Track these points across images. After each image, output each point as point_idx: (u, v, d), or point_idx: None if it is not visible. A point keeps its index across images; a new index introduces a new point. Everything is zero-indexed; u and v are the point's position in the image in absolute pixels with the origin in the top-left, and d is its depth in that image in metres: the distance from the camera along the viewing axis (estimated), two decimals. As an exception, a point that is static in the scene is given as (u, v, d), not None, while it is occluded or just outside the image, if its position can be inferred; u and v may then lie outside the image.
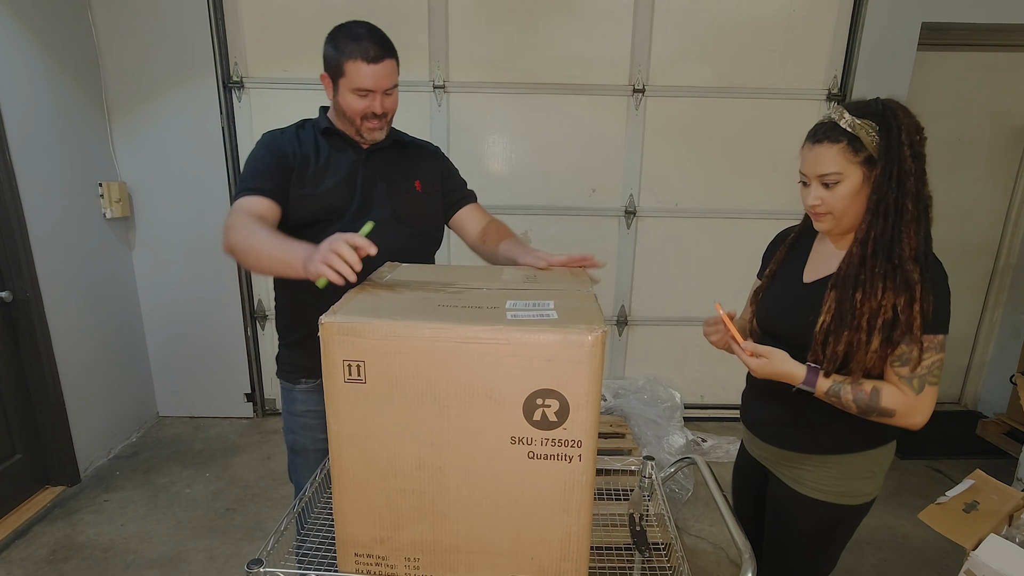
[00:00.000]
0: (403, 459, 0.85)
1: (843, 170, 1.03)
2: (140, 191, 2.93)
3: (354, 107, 1.26)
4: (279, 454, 2.87)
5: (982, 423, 3.18)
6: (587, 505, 0.83)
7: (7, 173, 2.25)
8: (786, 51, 2.85)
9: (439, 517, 0.87)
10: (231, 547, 2.20)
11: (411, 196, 1.38)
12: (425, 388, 0.80)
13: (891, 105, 1.03)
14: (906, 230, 1.01)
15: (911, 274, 1.00)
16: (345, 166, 1.32)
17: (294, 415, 1.42)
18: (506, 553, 0.87)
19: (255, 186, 1.23)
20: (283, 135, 1.33)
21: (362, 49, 1.21)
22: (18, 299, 2.34)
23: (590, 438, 0.79)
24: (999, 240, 3.34)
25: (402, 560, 0.90)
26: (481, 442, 0.82)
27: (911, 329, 1.00)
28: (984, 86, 3.10)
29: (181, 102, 2.82)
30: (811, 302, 1.10)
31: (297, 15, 2.79)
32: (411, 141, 1.46)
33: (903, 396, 1.03)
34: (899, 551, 2.24)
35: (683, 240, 3.10)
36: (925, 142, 1.03)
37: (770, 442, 1.23)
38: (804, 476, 1.18)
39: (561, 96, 2.90)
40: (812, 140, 1.07)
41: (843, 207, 1.06)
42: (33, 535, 2.23)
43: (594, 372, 0.76)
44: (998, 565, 1.31)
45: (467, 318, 0.81)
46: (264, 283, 3.13)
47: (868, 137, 1.01)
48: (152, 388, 3.19)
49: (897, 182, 1.00)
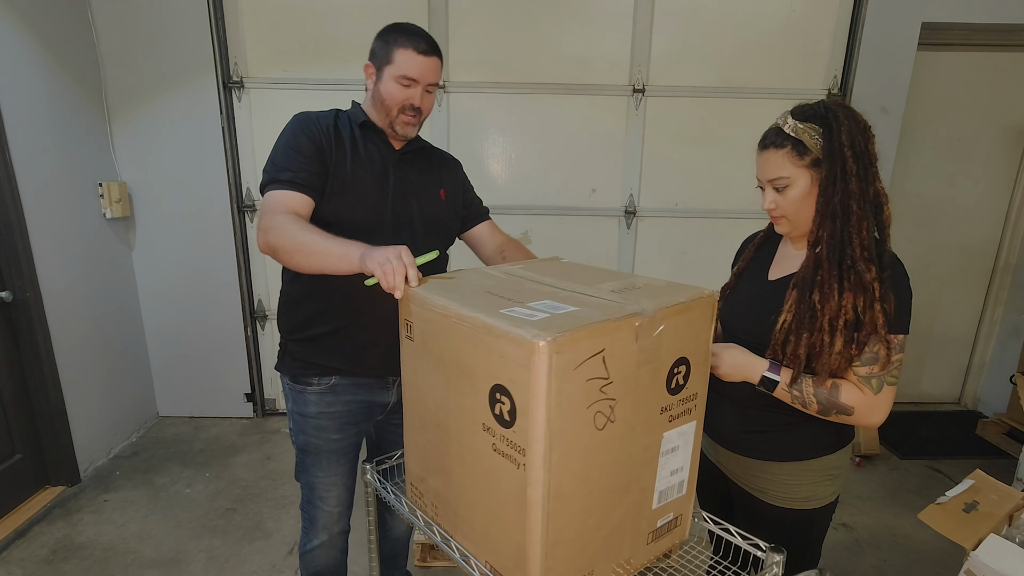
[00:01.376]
0: (428, 413, 0.95)
1: (790, 174, 1.05)
2: (140, 191, 2.93)
3: (395, 95, 1.26)
4: (279, 454, 2.87)
5: (982, 423, 3.17)
6: (535, 523, 0.76)
7: (7, 173, 2.25)
8: (786, 51, 2.85)
9: (445, 475, 0.94)
10: (231, 547, 2.20)
11: (437, 204, 1.39)
12: (439, 355, 0.89)
13: (832, 107, 1.04)
14: (855, 230, 1.01)
15: (864, 274, 1.00)
16: (379, 165, 1.31)
17: (306, 417, 1.38)
18: (481, 536, 0.89)
19: (289, 179, 1.19)
20: (319, 121, 1.27)
21: (414, 41, 1.24)
22: (18, 299, 2.34)
23: (535, 450, 0.73)
24: (999, 240, 3.33)
25: (430, 504, 1.01)
26: (465, 421, 0.86)
27: (876, 328, 1.00)
28: (984, 86, 3.10)
29: (181, 102, 2.82)
30: (773, 300, 1.10)
31: (297, 15, 2.79)
32: (435, 150, 1.46)
33: (862, 395, 1.03)
34: (899, 551, 2.24)
35: (683, 240, 3.10)
36: (872, 140, 1.04)
37: (731, 449, 1.22)
38: (766, 486, 1.17)
39: (561, 96, 2.90)
40: (760, 146, 1.10)
41: (795, 210, 1.07)
42: (33, 535, 2.23)
43: (539, 379, 0.70)
44: (998, 565, 1.31)
45: (481, 304, 0.82)
46: (264, 283, 3.13)
47: (812, 140, 1.03)
48: (152, 388, 3.19)
49: (842, 183, 1.01)
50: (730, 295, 1.24)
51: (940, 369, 3.52)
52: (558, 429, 0.73)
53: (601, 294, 0.88)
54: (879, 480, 2.73)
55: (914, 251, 3.28)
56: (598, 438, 0.78)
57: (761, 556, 0.94)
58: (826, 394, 1.04)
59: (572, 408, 0.74)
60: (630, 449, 0.84)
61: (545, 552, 0.78)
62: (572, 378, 0.73)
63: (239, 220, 3.01)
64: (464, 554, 0.93)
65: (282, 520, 2.36)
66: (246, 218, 3.04)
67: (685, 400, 0.90)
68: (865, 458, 2.90)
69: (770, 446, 1.15)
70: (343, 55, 2.84)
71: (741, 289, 1.23)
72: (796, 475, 1.15)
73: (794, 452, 1.14)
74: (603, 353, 0.75)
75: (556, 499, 0.77)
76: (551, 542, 0.78)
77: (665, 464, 0.90)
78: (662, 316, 0.81)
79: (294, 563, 2.12)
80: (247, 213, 3.03)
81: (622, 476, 0.84)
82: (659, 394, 0.85)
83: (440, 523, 0.99)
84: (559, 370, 0.70)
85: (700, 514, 1.05)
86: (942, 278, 3.32)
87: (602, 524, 0.84)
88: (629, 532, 0.89)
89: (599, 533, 0.84)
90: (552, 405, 0.71)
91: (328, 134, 1.26)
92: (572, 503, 0.79)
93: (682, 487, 0.96)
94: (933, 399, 3.58)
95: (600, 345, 0.74)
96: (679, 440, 0.91)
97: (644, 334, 0.79)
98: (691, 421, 0.92)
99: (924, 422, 3.31)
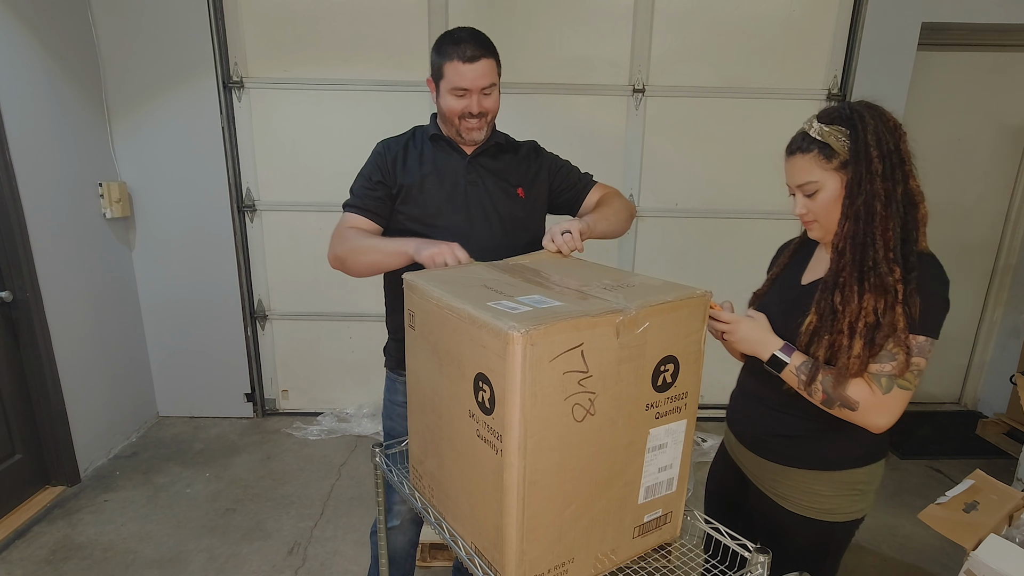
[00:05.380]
0: (426, 399, 0.99)
1: (819, 178, 1.04)
2: (140, 191, 2.93)
3: (453, 107, 1.30)
4: (279, 454, 2.87)
5: (982, 423, 3.17)
6: (511, 507, 0.80)
7: (7, 173, 2.25)
8: (786, 51, 2.85)
9: (440, 458, 0.98)
10: (231, 547, 2.20)
11: (514, 203, 1.39)
12: (434, 344, 0.92)
13: (858, 107, 1.03)
14: (879, 231, 0.99)
15: (886, 276, 0.98)
16: (450, 172, 1.36)
17: (395, 404, 1.48)
18: (467, 517, 0.93)
19: (357, 204, 1.34)
20: (390, 149, 1.37)
21: (460, 50, 1.27)
22: (18, 299, 2.34)
23: (511, 437, 0.77)
24: (999, 240, 3.34)
25: (427, 486, 1.05)
26: (455, 407, 0.89)
27: (895, 331, 0.98)
28: (984, 86, 3.10)
29: (181, 102, 2.82)
30: (803, 303, 1.09)
31: (297, 15, 2.79)
32: (513, 144, 1.47)
33: (870, 392, 1.00)
34: (899, 551, 2.24)
35: (683, 240, 3.10)
36: (904, 138, 1.02)
37: (756, 451, 1.20)
38: (788, 492, 1.15)
39: (561, 96, 2.90)
40: (788, 152, 1.10)
41: (827, 214, 1.06)
42: (33, 535, 2.23)
43: (513, 369, 0.73)
44: (998, 565, 1.31)
45: (472, 296, 0.86)
46: (264, 283, 3.14)
47: (838, 143, 1.02)
48: (152, 388, 3.19)
49: (867, 184, 0.99)
50: (765, 299, 1.23)
51: (940, 369, 3.52)
52: (533, 418, 0.76)
53: (592, 291, 0.89)
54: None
55: (914, 251, 3.29)
56: (576, 429, 0.81)
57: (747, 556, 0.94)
58: (832, 382, 1.01)
59: (548, 399, 0.77)
60: (611, 443, 0.86)
61: (521, 535, 0.81)
62: (548, 370, 0.75)
63: (239, 220, 3.01)
64: (452, 534, 0.98)
65: (282, 520, 2.36)
66: (246, 218, 3.04)
67: (674, 398, 0.91)
68: (865, 458, 2.90)
69: (796, 452, 1.13)
70: (343, 55, 2.84)
71: (773, 294, 1.22)
72: (820, 485, 1.12)
73: (820, 461, 1.12)
74: (581, 347, 0.77)
75: (531, 485, 0.79)
76: (527, 526, 0.81)
77: (652, 460, 0.92)
78: (646, 314, 0.82)
79: (294, 563, 2.12)
80: (247, 213, 3.03)
81: (603, 469, 0.86)
82: (644, 391, 0.87)
83: (435, 504, 1.03)
84: (533, 361, 0.74)
85: (691, 512, 1.05)
86: (942, 278, 3.34)
87: (582, 514, 0.86)
88: (612, 524, 0.91)
89: (579, 522, 0.87)
90: (527, 395, 0.75)
91: (395, 156, 1.36)
92: (548, 490, 0.81)
93: (671, 484, 0.96)
94: (933, 399, 3.58)
95: (578, 339, 0.77)
96: (667, 438, 0.92)
97: (626, 330, 0.81)
98: (681, 420, 0.93)
99: (924, 422, 3.31)
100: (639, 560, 0.99)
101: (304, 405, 3.31)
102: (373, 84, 2.85)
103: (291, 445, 2.96)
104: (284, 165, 2.98)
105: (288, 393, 3.31)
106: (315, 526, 2.33)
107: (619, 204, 1.43)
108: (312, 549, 2.20)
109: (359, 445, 2.97)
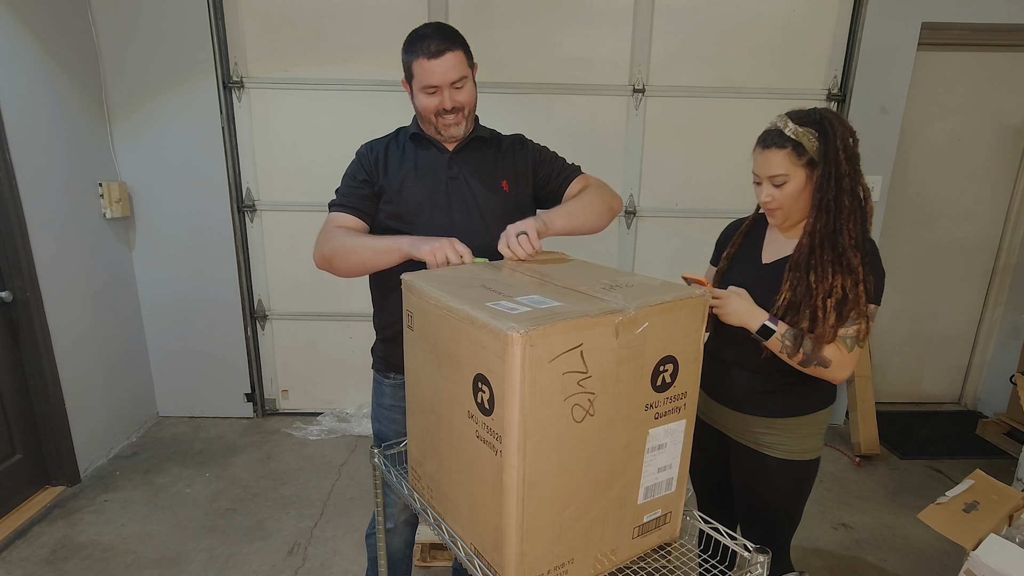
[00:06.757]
0: (425, 400, 0.98)
1: (789, 172, 1.20)
2: (140, 191, 2.93)
3: (427, 105, 1.29)
4: (279, 454, 2.87)
5: (982, 423, 3.17)
6: (511, 508, 0.80)
7: (7, 173, 2.25)
8: (786, 51, 2.85)
9: (439, 459, 0.98)
10: (231, 547, 2.20)
11: (498, 197, 1.37)
12: (433, 344, 0.92)
13: (827, 114, 1.19)
14: (846, 222, 1.18)
15: (852, 260, 1.17)
16: (431, 170, 1.35)
17: (382, 407, 1.49)
18: (466, 518, 0.93)
19: (342, 202, 1.34)
20: (372, 149, 1.38)
21: (424, 46, 1.26)
22: (18, 299, 2.34)
23: (511, 438, 0.76)
24: (999, 240, 3.33)
25: (426, 487, 1.06)
26: (454, 408, 0.89)
27: (858, 304, 1.18)
28: (984, 86, 3.10)
29: (181, 102, 2.82)
30: (771, 280, 1.26)
31: (297, 15, 2.79)
32: (497, 137, 1.45)
33: (839, 352, 1.20)
34: (899, 551, 2.24)
35: (683, 240, 3.10)
36: (858, 144, 1.20)
37: (741, 410, 1.35)
38: (768, 440, 1.32)
39: (561, 96, 2.90)
40: (762, 145, 1.24)
41: (791, 203, 1.23)
42: (33, 535, 2.23)
43: (513, 370, 0.73)
44: (998, 565, 1.31)
45: (470, 296, 0.86)
46: (264, 283, 3.14)
47: (809, 143, 1.18)
48: (152, 388, 3.19)
49: (835, 181, 1.17)
50: (726, 277, 1.37)
51: (940, 369, 3.52)
52: (532, 418, 0.76)
53: (591, 291, 0.89)
54: (879, 480, 2.73)
55: (914, 251, 3.29)
56: (576, 430, 0.81)
57: (747, 556, 0.94)
58: (811, 346, 1.20)
59: (547, 399, 0.77)
60: (611, 443, 0.86)
61: (521, 536, 0.81)
62: (547, 370, 0.75)
63: (239, 220, 3.01)
64: (452, 535, 0.98)
65: (282, 520, 2.36)
66: (246, 218, 3.04)
67: (673, 398, 0.90)
68: (865, 458, 2.90)
69: (778, 403, 1.31)
70: (343, 55, 2.84)
71: (736, 271, 1.37)
72: (798, 429, 1.31)
73: (799, 408, 1.31)
74: (581, 348, 0.77)
75: (531, 486, 0.79)
76: (527, 527, 0.81)
77: (651, 461, 0.92)
78: (645, 314, 0.83)
79: (294, 563, 2.12)
80: (247, 213, 3.03)
81: (602, 469, 0.86)
82: (643, 391, 0.87)
83: (434, 505, 1.04)
84: (533, 362, 0.74)
85: (690, 512, 1.05)
86: (942, 278, 3.32)
87: (582, 514, 0.86)
88: (612, 525, 0.91)
89: (579, 523, 0.86)
90: (526, 395, 0.75)
91: (377, 156, 1.36)
92: (548, 491, 0.81)
93: (671, 484, 0.96)
94: (933, 399, 3.58)
95: (577, 340, 0.77)
96: (666, 438, 0.92)
97: (625, 331, 0.81)
98: (680, 420, 0.93)
99: (924, 422, 3.31)
100: (639, 560, 0.99)
101: (304, 405, 3.31)
102: (373, 84, 2.85)
103: (291, 445, 2.96)
104: (284, 165, 2.98)
105: (288, 393, 3.31)
106: (315, 526, 2.33)
107: (592, 197, 1.36)
108: (312, 549, 2.20)
109: (359, 445, 2.97)
